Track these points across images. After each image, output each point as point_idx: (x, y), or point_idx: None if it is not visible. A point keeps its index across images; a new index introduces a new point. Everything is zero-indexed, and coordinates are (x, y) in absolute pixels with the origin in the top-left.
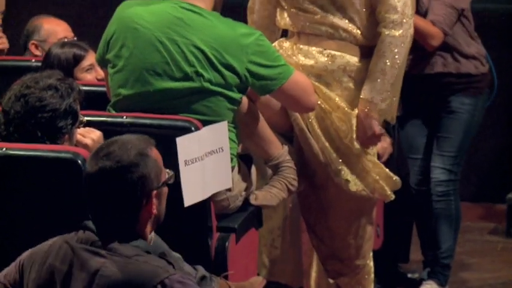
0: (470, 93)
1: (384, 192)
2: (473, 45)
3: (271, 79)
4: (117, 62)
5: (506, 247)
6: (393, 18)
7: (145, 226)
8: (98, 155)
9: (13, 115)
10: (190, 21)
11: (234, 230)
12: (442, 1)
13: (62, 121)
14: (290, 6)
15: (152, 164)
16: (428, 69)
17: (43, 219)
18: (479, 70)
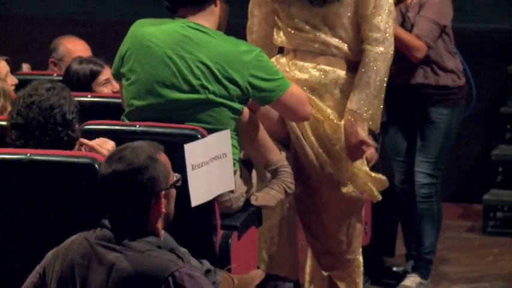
0: (447, 105)
1: (372, 193)
2: (452, 60)
3: (270, 91)
4: (131, 75)
5: (482, 243)
6: (376, 36)
7: (156, 223)
8: (111, 159)
9: (31, 121)
10: (197, 39)
11: (236, 228)
12: (427, 17)
13: (70, 113)
14: (286, 25)
15: (161, 167)
16: (411, 80)
17: (64, 218)
18: (456, 83)
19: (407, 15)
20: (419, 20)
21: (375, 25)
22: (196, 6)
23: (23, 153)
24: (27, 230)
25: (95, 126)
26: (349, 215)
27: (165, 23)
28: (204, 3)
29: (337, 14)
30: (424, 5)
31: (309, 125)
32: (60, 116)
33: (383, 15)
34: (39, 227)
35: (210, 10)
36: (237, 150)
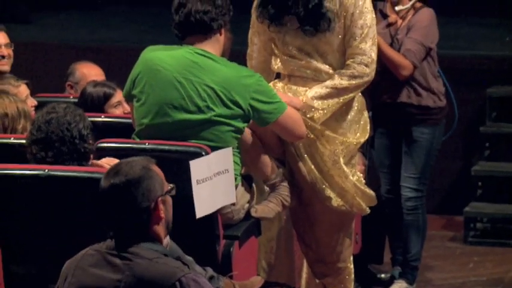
0: (428, 124)
1: (360, 207)
2: (435, 82)
3: (269, 113)
4: (141, 96)
5: (463, 252)
6: (362, 58)
7: (157, 230)
8: (109, 174)
9: (51, 134)
10: (203, 64)
11: (237, 237)
12: (414, 39)
13: (85, 129)
14: (282, 53)
15: (155, 176)
16: (395, 98)
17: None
18: (437, 104)
19: (396, 37)
20: (406, 41)
21: (362, 50)
22: (203, 35)
23: (42, 168)
24: (45, 240)
25: (107, 144)
26: (340, 227)
27: (174, 49)
28: (210, 32)
29: (328, 42)
30: (412, 27)
31: (302, 143)
32: (76, 131)
33: (369, 42)
34: (56, 237)
35: (215, 38)
36: (238, 166)
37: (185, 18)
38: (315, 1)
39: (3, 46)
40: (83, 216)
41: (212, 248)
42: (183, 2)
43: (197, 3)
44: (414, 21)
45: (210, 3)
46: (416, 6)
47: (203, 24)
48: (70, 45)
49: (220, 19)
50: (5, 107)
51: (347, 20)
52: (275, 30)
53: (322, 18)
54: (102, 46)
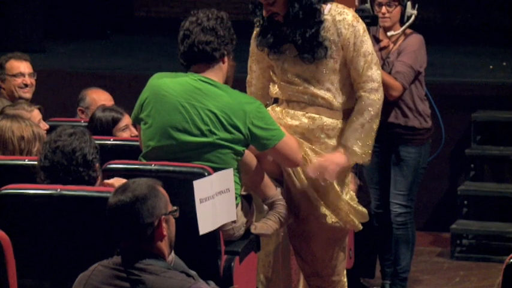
0: (414, 144)
1: (353, 224)
2: (421, 104)
3: (267, 139)
4: (148, 120)
5: (450, 267)
6: (372, 85)
7: (160, 246)
8: (117, 192)
9: (56, 165)
10: (206, 91)
11: (238, 253)
12: (404, 62)
13: (90, 154)
14: (280, 79)
15: (160, 195)
16: (384, 119)
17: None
18: (423, 125)
19: (387, 60)
20: (397, 64)
21: (369, 77)
22: (206, 64)
23: (54, 188)
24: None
25: (116, 166)
26: (334, 242)
27: (179, 76)
28: (213, 61)
29: (325, 69)
30: (402, 51)
31: None
32: (81, 158)
33: (374, 67)
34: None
35: (218, 66)
36: (239, 186)
37: (189, 49)
38: (312, 31)
39: (27, 75)
40: (93, 233)
41: (214, 263)
42: (187, 34)
43: (200, 34)
44: (404, 45)
45: (212, 34)
46: (407, 33)
47: (206, 54)
48: (81, 73)
49: (222, 49)
50: (22, 130)
51: (349, 50)
52: (274, 58)
53: (319, 47)
54: (110, 73)
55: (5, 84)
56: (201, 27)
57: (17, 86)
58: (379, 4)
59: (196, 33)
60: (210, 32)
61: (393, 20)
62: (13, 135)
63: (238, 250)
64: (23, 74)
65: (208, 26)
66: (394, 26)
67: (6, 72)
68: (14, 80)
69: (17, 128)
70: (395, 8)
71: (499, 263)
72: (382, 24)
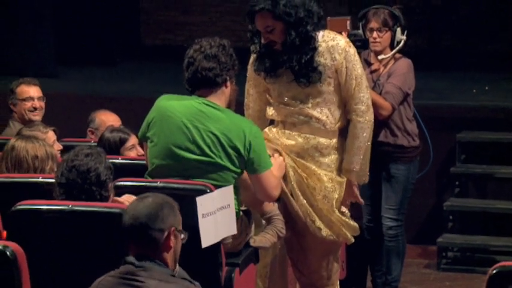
0: (403, 162)
1: (346, 237)
2: (409, 124)
3: (258, 165)
4: (154, 138)
5: (436, 278)
6: (362, 108)
7: (166, 257)
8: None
9: (71, 182)
10: (209, 113)
11: (238, 265)
12: (393, 84)
13: (104, 175)
14: (276, 102)
15: (175, 212)
16: (374, 138)
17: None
18: (411, 144)
19: (378, 82)
20: (387, 85)
21: (360, 99)
22: (209, 89)
23: (67, 204)
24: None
25: (124, 183)
26: (329, 254)
27: (185, 99)
28: (215, 86)
29: (319, 91)
30: (392, 74)
31: (295, 181)
32: (95, 178)
33: (364, 90)
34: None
35: (220, 91)
36: (238, 202)
37: (193, 75)
38: (307, 57)
39: (36, 99)
40: (103, 246)
41: (216, 274)
42: (191, 61)
43: (203, 61)
44: (394, 69)
45: (214, 60)
46: (396, 57)
47: (209, 79)
48: (91, 96)
49: (224, 74)
50: (35, 150)
51: (342, 73)
52: (271, 82)
53: (314, 71)
54: (119, 97)
55: (16, 108)
56: (204, 55)
57: (27, 109)
58: (370, 29)
59: (200, 60)
60: (212, 59)
61: (384, 44)
62: (27, 155)
63: (238, 262)
64: (32, 98)
65: (210, 53)
66: (384, 50)
67: (17, 96)
68: (24, 104)
69: (31, 147)
70: (385, 33)
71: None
72: (373, 48)
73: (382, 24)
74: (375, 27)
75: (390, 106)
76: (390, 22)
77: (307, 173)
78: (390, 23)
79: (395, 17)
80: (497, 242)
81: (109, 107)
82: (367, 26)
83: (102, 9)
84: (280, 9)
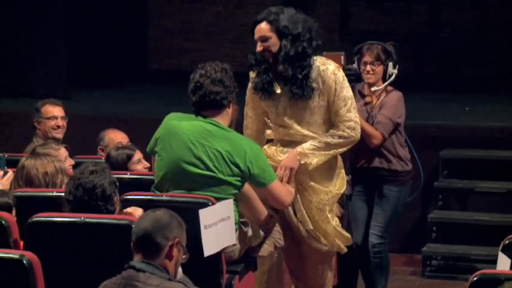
0: (396, 184)
1: (339, 247)
2: (402, 150)
3: (264, 178)
4: (162, 153)
5: (421, 284)
6: (349, 124)
7: (168, 265)
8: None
9: (78, 199)
10: (215, 132)
11: (237, 272)
12: (384, 115)
13: (109, 190)
14: (274, 123)
15: (183, 227)
16: (370, 164)
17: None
18: (404, 168)
19: (371, 114)
20: (379, 116)
21: (348, 117)
22: (216, 110)
23: (79, 216)
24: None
25: (132, 197)
26: (323, 263)
27: (192, 119)
28: (222, 107)
29: (312, 112)
30: (384, 106)
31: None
32: (100, 192)
33: (353, 111)
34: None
35: (225, 112)
36: (238, 214)
37: (201, 98)
38: (303, 71)
39: (59, 118)
40: (112, 255)
41: (217, 281)
42: (199, 85)
43: (210, 85)
44: (385, 101)
45: (220, 85)
46: (388, 89)
47: (216, 102)
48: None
49: (229, 97)
50: (44, 166)
51: (331, 94)
52: (268, 104)
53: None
54: (127, 117)
55: (40, 126)
56: (211, 79)
57: (50, 127)
58: (364, 63)
59: (207, 84)
60: (218, 83)
61: (376, 77)
62: (38, 172)
63: (237, 270)
64: (56, 117)
65: (216, 77)
66: (377, 83)
67: (42, 115)
68: (48, 122)
69: (40, 164)
70: (378, 66)
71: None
72: (367, 81)
73: (375, 58)
74: (368, 61)
75: (381, 135)
76: (383, 57)
77: (305, 186)
78: (383, 57)
79: (388, 52)
80: (477, 251)
81: (117, 126)
82: (361, 59)
83: (111, 36)
84: (279, 22)
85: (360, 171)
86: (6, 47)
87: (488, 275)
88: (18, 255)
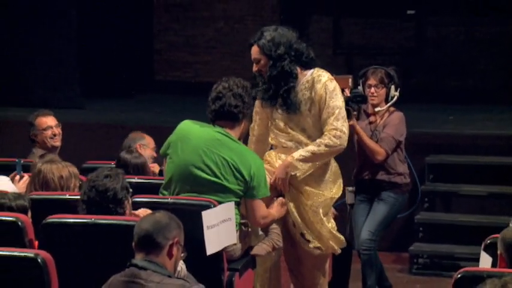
0: (395, 192)
1: (333, 249)
2: (402, 166)
3: (257, 191)
4: (173, 156)
5: (409, 281)
6: (335, 133)
7: (167, 263)
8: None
9: (91, 200)
10: (224, 142)
11: (238, 270)
12: (387, 133)
13: (121, 193)
14: (275, 128)
15: (181, 227)
16: (372, 176)
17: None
18: (403, 181)
19: (375, 132)
20: (382, 135)
21: (335, 126)
22: (230, 122)
23: (90, 218)
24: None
25: (141, 199)
26: (319, 265)
27: (205, 126)
28: (237, 120)
29: (306, 120)
30: (387, 125)
31: (291, 197)
32: (112, 196)
33: (341, 120)
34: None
35: (238, 125)
36: (238, 215)
37: (220, 108)
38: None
39: (54, 127)
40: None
41: (218, 278)
42: (220, 96)
43: (231, 98)
44: (388, 120)
45: (240, 100)
46: (391, 110)
47: (233, 115)
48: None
49: (245, 112)
50: (60, 171)
51: (321, 103)
52: (270, 111)
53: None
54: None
55: (38, 138)
56: (232, 93)
57: (48, 137)
58: (369, 85)
59: (228, 97)
60: (238, 97)
61: (380, 98)
62: (54, 176)
63: (238, 267)
64: (51, 127)
65: (237, 92)
66: (380, 104)
67: (37, 127)
68: (45, 133)
69: (55, 168)
70: (381, 89)
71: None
72: (371, 102)
73: (379, 81)
74: (372, 83)
75: (384, 152)
76: (386, 80)
77: (300, 190)
78: (386, 80)
79: (390, 76)
80: (461, 250)
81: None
82: (366, 82)
83: (121, 50)
84: (265, 45)
85: (363, 182)
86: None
87: (471, 272)
88: (33, 254)
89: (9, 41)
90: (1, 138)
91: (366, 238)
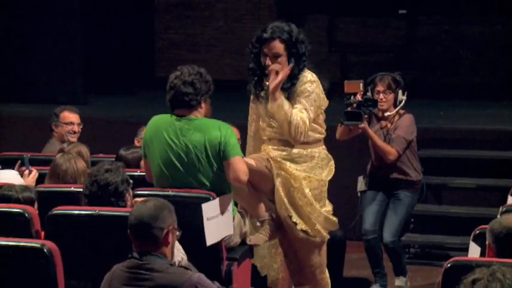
0: (411, 190)
1: (320, 233)
2: (415, 162)
3: (229, 151)
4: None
5: None
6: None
7: (165, 251)
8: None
9: (93, 194)
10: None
11: (236, 259)
12: (398, 135)
13: (121, 187)
14: (264, 123)
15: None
16: (389, 175)
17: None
18: (418, 178)
19: (387, 136)
20: (394, 136)
21: None
22: (187, 109)
23: (94, 209)
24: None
25: (142, 192)
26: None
27: (168, 119)
28: (192, 107)
29: None
30: (398, 127)
31: (280, 182)
32: (113, 188)
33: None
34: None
35: (196, 111)
36: (236, 207)
37: (172, 98)
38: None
39: (75, 124)
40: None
41: (218, 267)
42: (172, 86)
43: (181, 86)
44: (399, 123)
45: (191, 87)
46: (401, 112)
47: (185, 103)
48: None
49: (199, 98)
50: (76, 163)
51: (298, 95)
52: (258, 107)
53: None
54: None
55: (57, 129)
56: (182, 81)
57: (67, 132)
58: (377, 92)
59: (179, 86)
60: (189, 85)
61: (388, 104)
62: (71, 168)
63: (236, 257)
64: (73, 123)
65: (187, 80)
66: (389, 108)
67: (60, 120)
68: (66, 127)
69: (73, 161)
70: (389, 94)
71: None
72: (380, 107)
73: (386, 87)
74: (381, 90)
75: (396, 152)
76: (393, 85)
77: (289, 172)
78: (393, 86)
79: (397, 82)
80: (451, 240)
81: (129, 130)
82: (374, 89)
83: (123, 48)
84: (292, 42)
85: (380, 180)
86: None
87: (461, 261)
88: (40, 244)
89: (15, 39)
90: (6, 133)
91: (390, 240)
